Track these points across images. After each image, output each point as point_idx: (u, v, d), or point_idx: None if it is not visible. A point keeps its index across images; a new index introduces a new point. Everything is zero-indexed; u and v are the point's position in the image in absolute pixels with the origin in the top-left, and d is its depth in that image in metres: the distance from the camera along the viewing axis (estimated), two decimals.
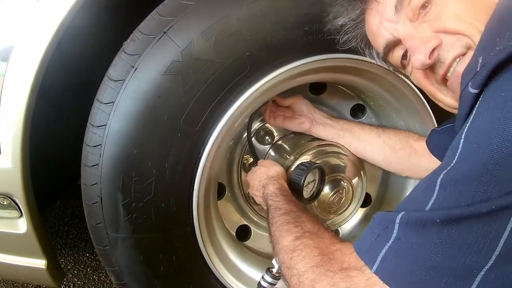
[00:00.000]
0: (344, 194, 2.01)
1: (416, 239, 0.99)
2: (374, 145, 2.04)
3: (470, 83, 1.04)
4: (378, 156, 2.05)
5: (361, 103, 2.22)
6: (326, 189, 1.95)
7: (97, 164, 1.52)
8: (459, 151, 1.02)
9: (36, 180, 1.70)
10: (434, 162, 1.73)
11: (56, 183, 2.63)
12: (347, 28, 1.48)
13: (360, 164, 2.08)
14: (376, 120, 2.24)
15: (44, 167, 1.87)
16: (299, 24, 1.55)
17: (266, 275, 1.60)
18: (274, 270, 1.59)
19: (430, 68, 1.30)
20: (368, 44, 1.51)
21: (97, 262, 3.02)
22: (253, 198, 1.96)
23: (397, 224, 1.03)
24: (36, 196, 1.72)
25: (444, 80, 1.31)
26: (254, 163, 1.98)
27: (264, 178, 1.78)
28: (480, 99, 1.03)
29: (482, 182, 0.93)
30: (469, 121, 1.03)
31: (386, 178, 2.35)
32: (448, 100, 1.36)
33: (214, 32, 1.47)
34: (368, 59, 1.64)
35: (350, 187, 2.02)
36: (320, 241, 1.27)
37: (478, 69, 1.02)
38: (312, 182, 1.85)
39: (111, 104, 1.49)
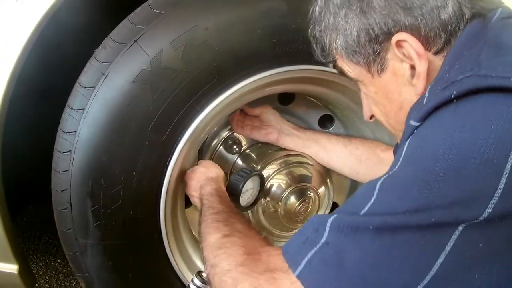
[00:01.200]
0: (310, 204, 2.02)
1: (345, 245, 0.97)
2: (340, 156, 2.05)
3: (413, 117, 1.04)
4: (344, 167, 2.06)
5: (329, 113, 2.24)
6: (292, 199, 1.96)
7: (67, 170, 1.52)
8: (402, 156, 1.00)
9: (8, 184, 1.71)
10: None
11: (28, 188, 2.62)
12: None
13: (327, 173, 2.09)
14: (344, 131, 2.26)
15: (16, 171, 1.87)
16: (267, 36, 1.57)
17: (195, 278, 1.57)
18: (205, 274, 1.55)
19: None
20: None
21: (69, 268, 2.97)
22: None
23: (328, 228, 1.01)
24: (8, 200, 1.72)
25: None
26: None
27: (203, 178, 1.76)
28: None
29: (423, 188, 0.90)
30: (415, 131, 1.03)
31: (354, 187, 2.36)
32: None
33: (183, 42, 1.48)
34: (334, 70, 1.67)
35: (316, 196, 2.03)
36: (249, 241, 1.27)
37: (424, 103, 1.02)
38: (250, 189, 1.84)
39: (82, 110, 1.49)
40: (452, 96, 0.93)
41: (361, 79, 1.28)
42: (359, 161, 2.02)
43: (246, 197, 1.82)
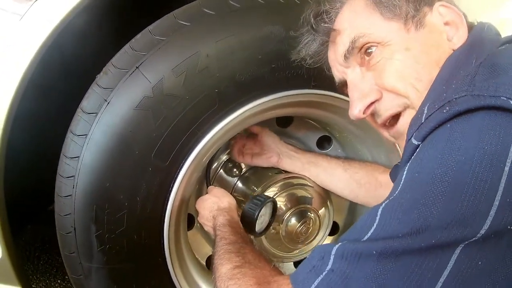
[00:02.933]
0: (311, 225, 2.03)
1: (349, 272, 0.98)
2: (340, 180, 2.06)
3: (414, 135, 1.05)
4: (344, 190, 2.07)
5: (327, 134, 2.26)
6: (293, 220, 1.97)
7: (71, 195, 1.53)
8: (402, 182, 1.02)
9: (9, 205, 1.71)
10: None
11: (27, 208, 2.62)
12: (312, 52, 1.47)
13: (327, 194, 2.11)
14: (342, 151, 2.28)
15: (17, 192, 1.87)
16: (266, 61, 1.59)
17: None
18: None
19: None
20: None
21: None
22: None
23: (333, 255, 1.02)
24: (9, 221, 1.73)
25: (383, 125, 1.34)
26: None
27: (215, 209, 1.77)
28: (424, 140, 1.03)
29: (422, 211, 0.93)
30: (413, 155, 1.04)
31: (353, 206, 2.38)
32: (387, 136, 1.39)
33: (184, 69, 1.49)
34: (333, 93, 1.71)
35: (317, 217, 2.04)
36: (259, 272, 1.28)
37: (423, 120, 1.03)
38: (263, 216, 1.84)
39: (84, 136, 1.50)
40: (448, 115, 0.96)
41: (387, 39, 1.26)
42: (359, 184, 2.04)
43: (259, 223, 1.82)
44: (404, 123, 1.28)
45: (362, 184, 2.04)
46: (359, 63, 1.33)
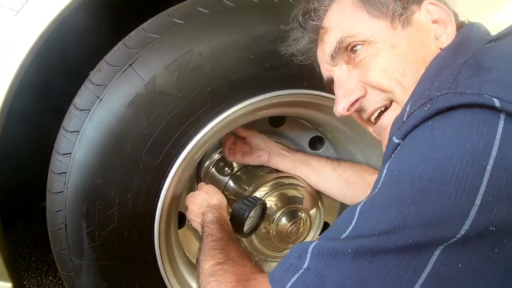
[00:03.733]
0: (302, 225, 2.03)
1: (325, 270, 0.97)
2: (329, 178, 2.07)
3: (395, 134, 1.04)
4: (332, 189, 2.07)
5: (319, 135, 2.26)
6: (284, 220, 1.97)
7: (62, 191, 1.53)
8: (381, 180, 1.01)
9: (1, 201, 1.72)
10: None
11: (20, 205, 2.61)
12: (301, 49, 1.48)
13: (318, 195, 2.11)
14: (335, 152, 2.28)
15: (10, 188, 1.87)
16: (259, 61, 1.59)
17: None
18: None
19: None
20: None
21: (60, 286, 2.96)
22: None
23: (309, 254, 1.02)
24: (1, 217, 1.73)
25: (368, 121, 1.34)
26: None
27: (205, 205, 1.77)
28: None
29: (400, 209, 0.91)
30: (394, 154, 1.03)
31: (345, 207, 2.34)
32: (372, 132, 1.38)
33: (177, 67, 1.49)
34: (326, 94, 1.70)
35: (308, 217, 2.04)
36: (240, 269, 1.29)
37: (404, 119, 1.02)
38: (252, 217, 1.84)
39: (76, 133, 1.50)
40: (429, 113, 0.95)
41: (373, 37, 1.26)
42: (347, 184, 2.04)
43: (248, 224, 1.83)
44: (387, 118, 1.28)
45: (350, 183, 2.04)
46: (346, 61, 1.33)
